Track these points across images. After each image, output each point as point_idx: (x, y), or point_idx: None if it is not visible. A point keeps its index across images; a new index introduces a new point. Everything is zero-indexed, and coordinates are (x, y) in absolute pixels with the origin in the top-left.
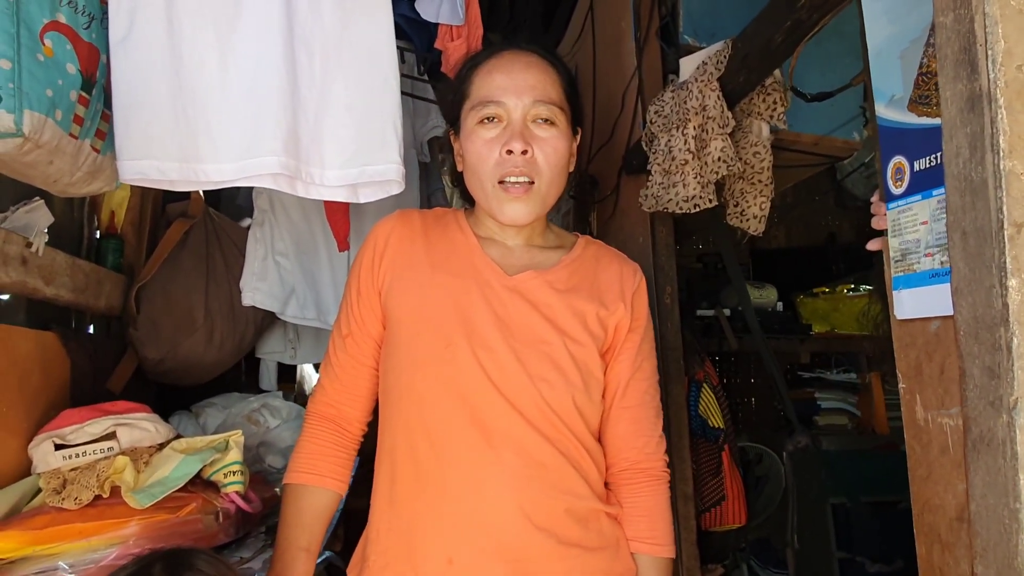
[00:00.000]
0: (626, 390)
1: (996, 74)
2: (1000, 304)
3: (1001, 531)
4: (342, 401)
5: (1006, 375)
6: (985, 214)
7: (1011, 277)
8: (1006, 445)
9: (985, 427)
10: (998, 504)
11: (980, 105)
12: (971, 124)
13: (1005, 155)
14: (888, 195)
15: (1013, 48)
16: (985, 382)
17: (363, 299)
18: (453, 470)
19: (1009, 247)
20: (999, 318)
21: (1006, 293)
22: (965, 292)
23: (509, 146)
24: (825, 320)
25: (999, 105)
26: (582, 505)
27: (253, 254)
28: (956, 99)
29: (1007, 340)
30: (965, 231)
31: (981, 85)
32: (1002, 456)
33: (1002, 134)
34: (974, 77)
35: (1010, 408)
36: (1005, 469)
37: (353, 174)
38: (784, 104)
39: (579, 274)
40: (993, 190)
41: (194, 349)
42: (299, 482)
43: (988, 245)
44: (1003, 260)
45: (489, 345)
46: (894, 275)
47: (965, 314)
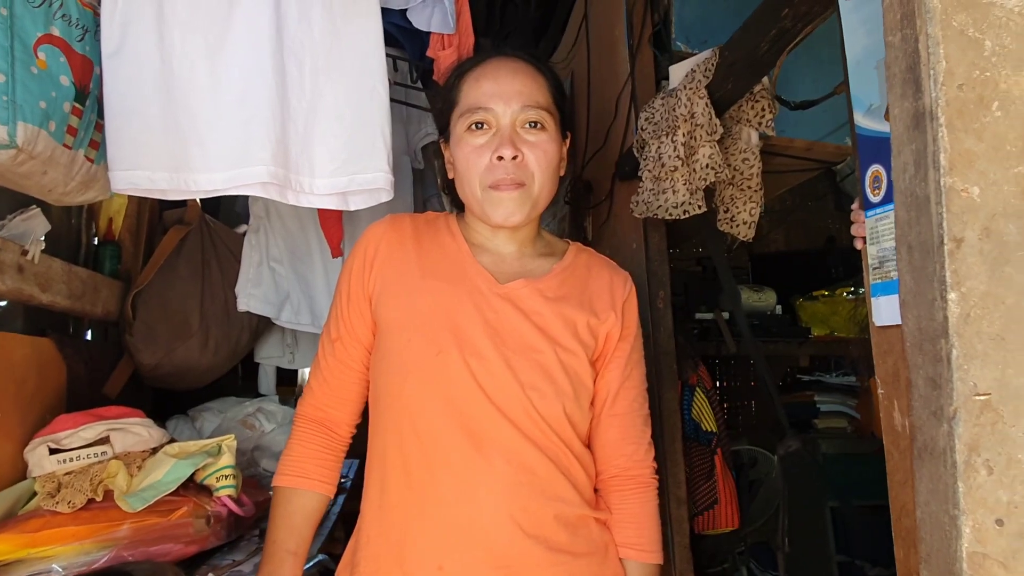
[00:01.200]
0: (615, 398)
1: (938, 93)
2: (941, 316)
3: (943, 537)
4: (330, 405)
5: (946, 386)
6: (928, 229)
7: (951, 290)
8: (947, 454)
9: (928, 436)
10: (940, 511)
11: (923, 123)
12: (916, 141)
13: (946, 172)
14: (867, 203)
15: (954, 68)
16: (928, 392)
17: (353, 304)
18: (443, 477)
19: (949, 261)
20: (940, 330)
21: (946, 306)
22: (910, 304)
23: (499, 152)
24: (824, 323)
25: (940, 123)
26: (571, 512)
27: (248, 260)
28: (903, 116)
29: (947, 352)
30: (911, 245)
31: (924, 103)
32: (943, 464)
33: (943, 152)
34: (918, 95)
35: (950, 418)
36: (946, 477)
37: (342, 182)
38: (772, 111)
39: (570, 283)
40: (935, 206)
41: (189, 354)
42: (287, 485)
43: (930, 259)
44: (943, 274)
45: (480, 353)
46: (872, 282)
47: (911, 326)
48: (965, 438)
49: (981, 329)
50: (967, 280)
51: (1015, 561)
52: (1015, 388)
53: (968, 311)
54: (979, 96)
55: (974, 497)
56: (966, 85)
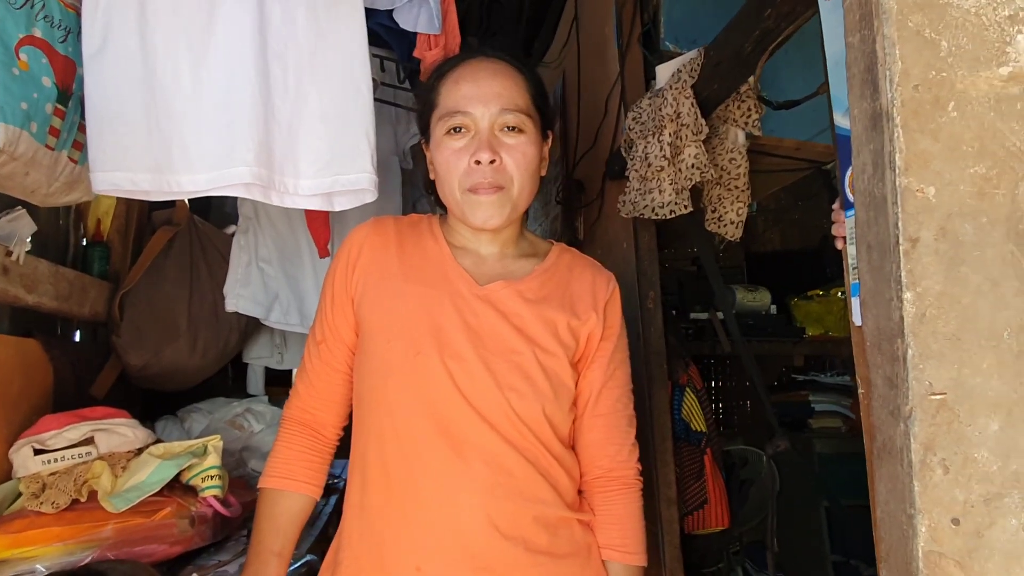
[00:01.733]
0: (598, 398)
1: (894, 94)
2: (897, 316)
3: (900, 536)
4: (317, 407)
5: (902, 385)
6: (885, 229)
7: (906, 290)
8: (903, 453)
9: (886, 435)
10: (897, 510)
11: (881, 123)
12: (874, 142)
13: (901, 172)
14: (846, 203)
15: (910, 68)
16: (886, 392)
17: (336, 307)
18: (422, 478)
19: (904, 261)
20: (896, 330)
21: (902, 306)
22: (870, 304)
23: (477, 156)
24: (819, 323)
25: (896, 124)
26: (551, 513)
27: (237, 261)
28: (862, 117)
29: (903, 351)
30: (870, 245)
31: (881, 104)
32: (900, 463)
33: (899, 152)
34: (876, 96)
35: (906, 417)
36: (902, 476)
37: (326, 183)
38: (759, 111)
39: (551, 284)
40: (891, 206)
41: (177, 355)
42: (273, 487)
43: (888, 259)
44: (899, 274)
45: (459, 354)
46: (852, 282)
47: (870, 325)
48: (921, 437)
49: (936, 329)
50: (923, 280)
51: (971, 560)
52: (970, 388)
53: (924, 311)
54: (935, 97)
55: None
56: (922, 86)
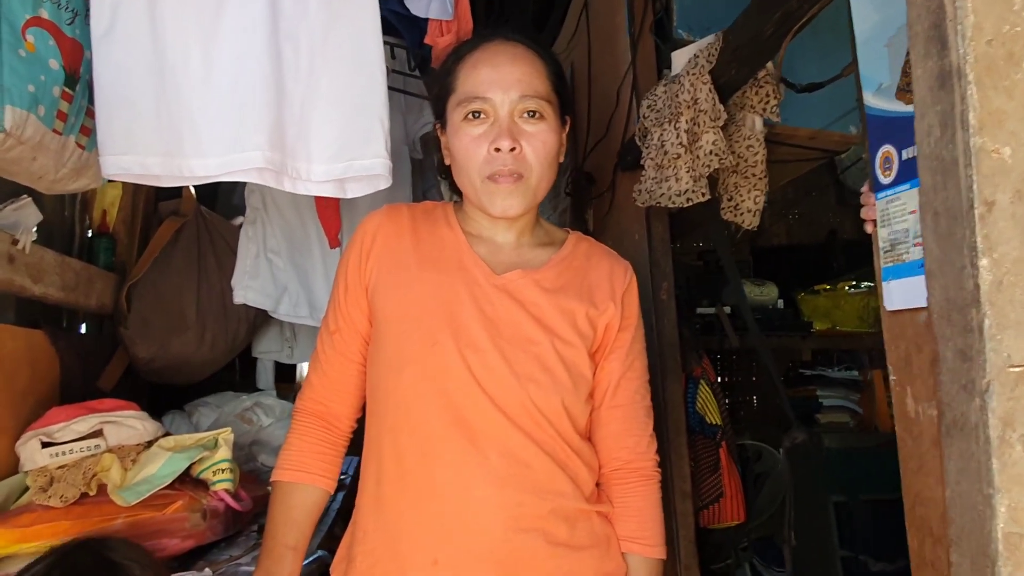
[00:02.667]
0: (616, 389)
1: (966, 49)
2: (971, 285)
3: (975, 518)
4: (330, 398)
5: (978, 357)
6: (956, 193)
7: (982, 257)
8: (979, 429)
9: (958, 411)
10: (971, 490)
11: (950, 82)
12: (942, 102)
13: (975, 132)
14: (877, 184)
15: (982, 22)
16: (958, 365)
17: (350, 296)
18: (438, 470)
19: (980, 226)
20: (970, 299)
21: (977, 273)
22: (937, 274)
23: (497, 144)
24: (827, 317)
25: (968, 81)
26: (569, 505)
27: (245, 252)
28: (927, 77)
29: (979, 321)
30: (937, 211)
31: (951, 61)
32: (975, 441)
33: (972, 111)
34: (944, 53)
35: (982, 391)
36: (978, 454)
37: (340, 169)
38: (777, 97)
39: (568, 273)
40: (963, 168)
41: (185, 347)
42: (287, 479)
43: (959, 225)
44: (974, 240)
45: (476, 344)
46: (883, 266)
47: (938, 296)
48: (999, 412)
49: (1015, 297)
50: (999, 245)
51: None
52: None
53: (1000, 278)
54: (1009, 52)
55: (1009, 474)
56: (995, 40)
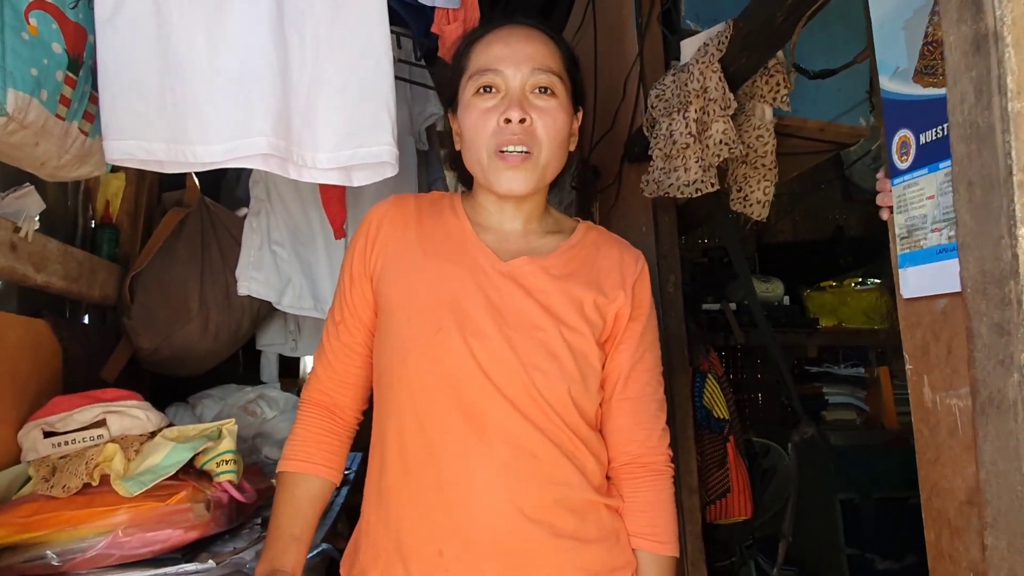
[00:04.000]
0: (627, 381)
1: (1002, 12)
2: (1009, 256)
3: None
4: (335, 389)
5: (1016, 331)
6: (992, 161)
7: (1020, 226)
8: (1017, 406)
9: (994, 388)
10: (1009, 470)
11: (986, 46)
12: (976, 67)
13: (1013, 96)
14: (893, 170)
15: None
16: (994, 340)
17: (355, 285)
18: (442, 460)
19: (1018, 194)
20: (1008, 271)
21: (1015, 244)
22: (972, 246)
23: (507, 115)
24: (833, 314)
25: (1006, 44)
26: (577, 496)
27: (249, 243)
28: (960, 42)
29: (1017, 294)
30: (971, 181)
31: (987, 24)
32: (1013, 418)
33: (1010, 74)
34: (979, 17)
35: (1021, 366)
36: (1017, 432)
37: (346, 156)
38: (787, 86)
39: (577, 260)
40: (1000, 135)
41: (189, 339)
42: (292, 470)
43: (996, 194)
44: (1012, 208)
45: (481, 331)
46: (899, 252)
47: (972, 269)
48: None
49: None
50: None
51: None
52: None
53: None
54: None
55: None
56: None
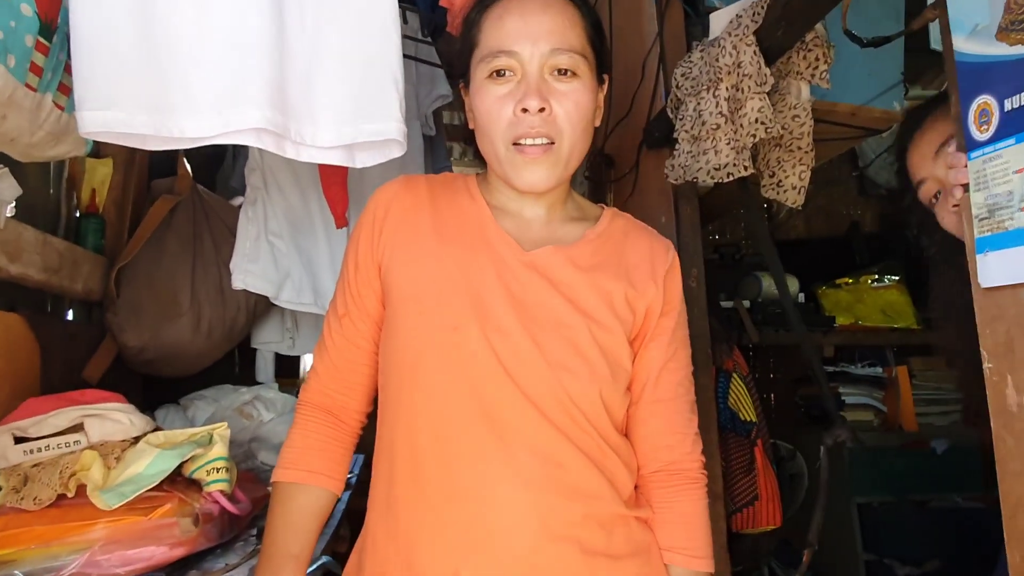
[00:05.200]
0: (657, 381)
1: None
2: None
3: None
4: (338, 389)
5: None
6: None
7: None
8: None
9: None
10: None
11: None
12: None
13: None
14: (970, 142)
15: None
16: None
17: (361, 274)
18: (459, 470)
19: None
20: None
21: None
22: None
23: (524, 104)
24: (849, 312)
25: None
26: (607, 510)
27: (244, 234)
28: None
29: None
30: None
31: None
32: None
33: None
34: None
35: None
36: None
37: (349, 133)
38: (827, 61)
39: (605, 250)
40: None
41: (179, 336)
42: (289, 480)
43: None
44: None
45: (503, 328)
46: (978, 236)
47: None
48: None
49: None
50: None
51: None
52: None
53: None
54: None
55: None
56: None
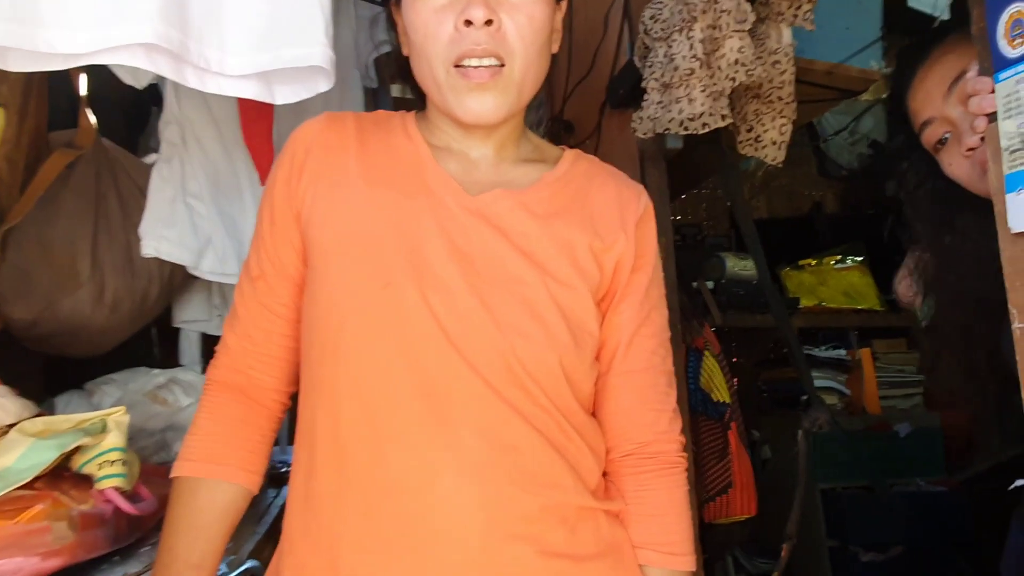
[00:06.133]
0: (628, 349)
1: None
2: None
3: None
4: (253, 365)
5: None
6: None
7: None
8: None
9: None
10: None
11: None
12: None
13: None
14: (999, 61)
15: None
16: None
17: (277, 227)
18: (391, 456)
19: None
20: None
21: None
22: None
23: (467, 15)
24: (812, 294)
25: None
26: (569, 502)
27: (159, 195)
28: None
29: None
30: None
31: None
32: None
33: None
34: None
35: None
36: None
37: (265, 60)
38: (811, 0)
39: (565, 195)
40: None
41: (79, 309)
42: (190, 473)
43: None
44: None
45: (444, 285)
46: (1008, 172)
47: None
48: None
49: None
50: None
51: None
52: None
53: None
54: None
55: None
56: None
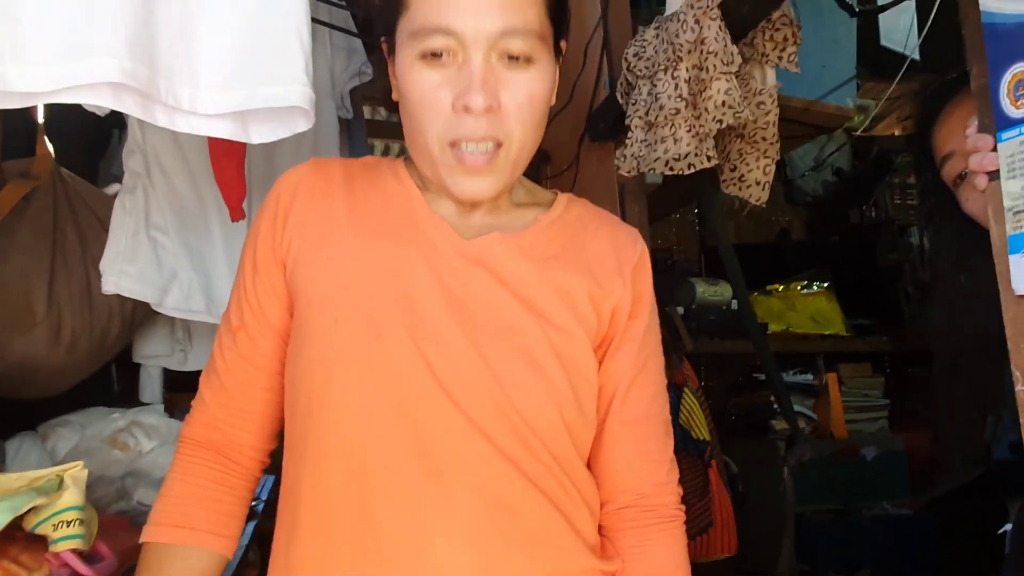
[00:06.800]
0: (626, 398)
1: None
2: None
3: None
4: (230, 421)
5: None
6: None
7: None
8: None
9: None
10: None
11: None
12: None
13: None
14: (1002, 120)
15: None
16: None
17: (261, 275)
18: (382, 521)
19: None
20: None
21: None
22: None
23: (466, 100)
24: (780, 319)
25: None
26: (571, 565)
27: (120, 228)
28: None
29: None
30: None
31: None
32: None
33: None
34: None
35: None
36: None
37: (240, 98)
38: (796, 42)
39: (561, 239)
40: None
41: (33, 349)
42: (161, 539)
43: None
44: None
45: (438, 335)
46: (1011, 233)
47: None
48: None
49: None
50: None
51: None
52: None
53: None
54: None
55: None
56: None
